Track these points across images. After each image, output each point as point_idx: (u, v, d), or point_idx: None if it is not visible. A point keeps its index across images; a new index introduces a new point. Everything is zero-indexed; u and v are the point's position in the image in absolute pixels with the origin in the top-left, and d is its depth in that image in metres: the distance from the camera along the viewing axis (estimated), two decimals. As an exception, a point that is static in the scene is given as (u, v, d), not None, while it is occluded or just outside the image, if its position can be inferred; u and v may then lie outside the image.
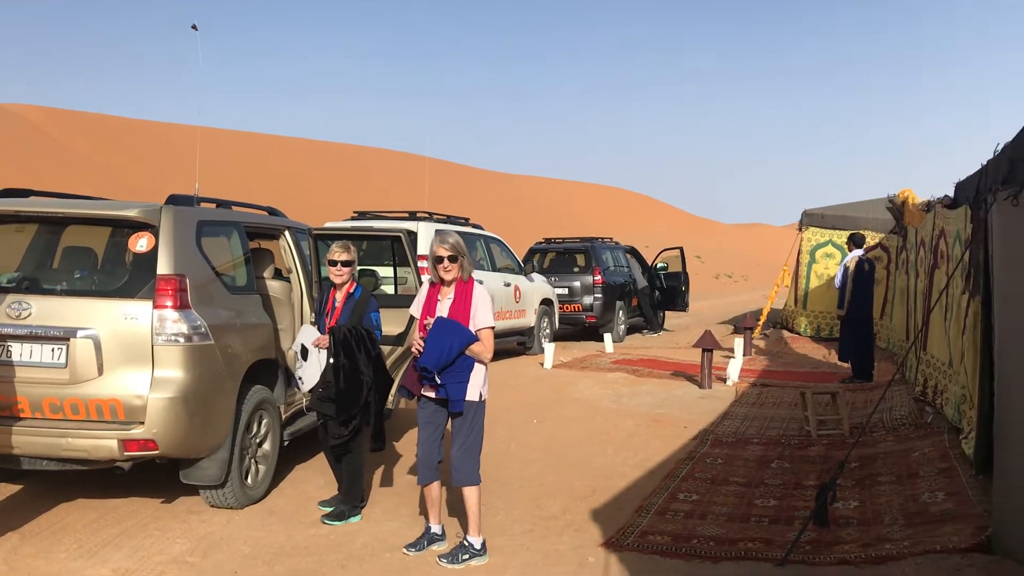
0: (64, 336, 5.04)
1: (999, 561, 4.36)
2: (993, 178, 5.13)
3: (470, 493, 4.83)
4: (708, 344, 10.76)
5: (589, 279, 16.10)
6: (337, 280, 5.69)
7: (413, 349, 4.82)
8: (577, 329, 17.12)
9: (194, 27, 7.37)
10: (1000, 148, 5.06)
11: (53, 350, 5.06)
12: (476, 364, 4.80)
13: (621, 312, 16.93)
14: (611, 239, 18.75)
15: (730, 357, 12.60)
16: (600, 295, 16.03)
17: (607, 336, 15.19)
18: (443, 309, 4.85)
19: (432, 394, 4.84)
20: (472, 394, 4.79)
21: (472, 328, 4.77)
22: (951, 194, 7.84)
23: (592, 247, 16.67)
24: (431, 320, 4.80)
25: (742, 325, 15.21)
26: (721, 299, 34.42)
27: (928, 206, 9.69)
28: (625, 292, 17.22)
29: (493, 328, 4.85)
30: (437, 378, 4.71)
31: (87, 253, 5.80)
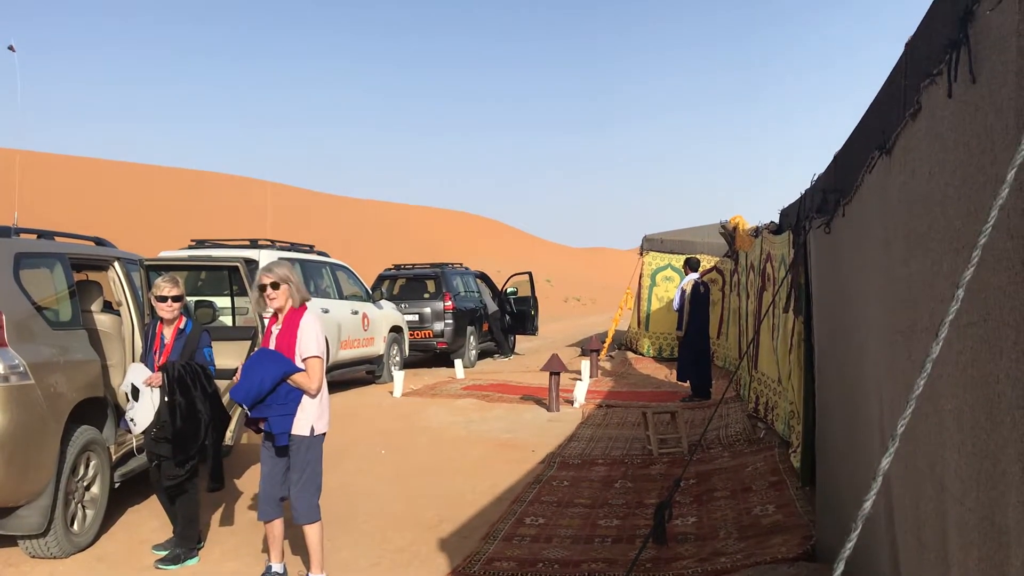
0: None
1: (821, 568, 4.63)
2: (810, 206, 5.49)
3: (311, 530, 4.72)
4: (555, 367, 10.96)
5: (440, 305, 16.11)
6: (166, 315, 5.46)
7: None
8: (428, 356, 17.09)
9: (11, 48, 6.94)
10: (816, 178, 5.42)
11: None
12: (305, 397, 4.68)
13: (472, 337, 17.02)
14: (461, 264, 18.87)
15: (577, 380, 12.88)
16: (451, 321, 16.07)
17: (458, 362, 15.22)
18: (272, 340, 4.74)
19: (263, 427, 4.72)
20: (300, 428, 4.67)
21: (298, 358, 4.66)
22: (776, 220, 8.33)
23: (442, 273, 16.70)
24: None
25: (588, 348, 15.58)
26: (570, 321, 35.17)
27: (756, 231, 10.25)
28: (476, 317, 17.33)
29: (319, 357, 4.72)
30: (249, 412, 4.59)
31: None
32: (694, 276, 11.89)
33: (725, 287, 15.30)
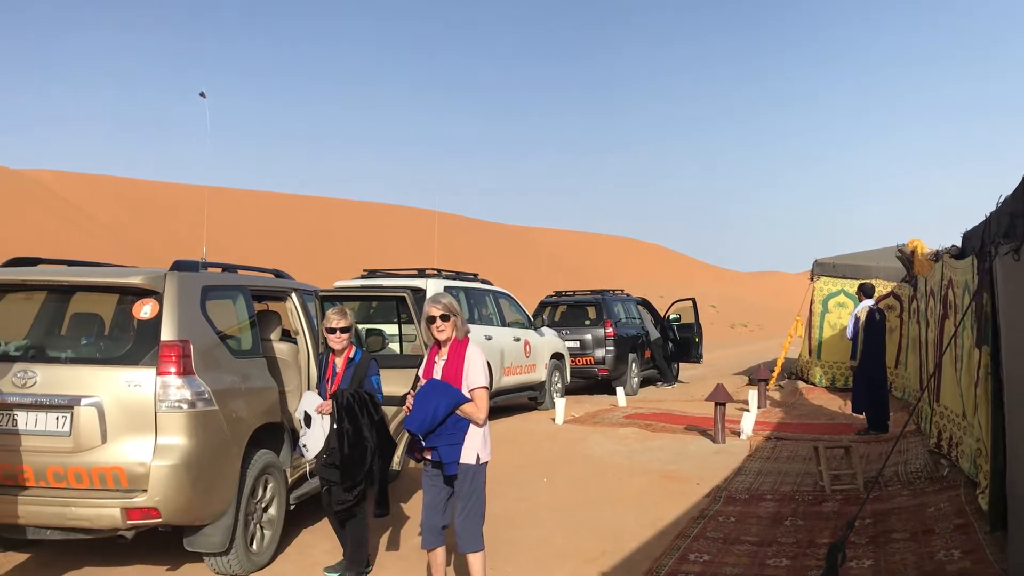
0: (68, 404, 5.05)
1: (1017, 623, 4.26)
2: (996, 230, 5.12)
3: (474, 559, 4.77)
4: (720, 398, 10.67)
5: (601, 332, 16.06)
6: (336, 346, 5.70)
7: (404, 410, 4.80)
8: (590, 383, 17.04)
9: (202, 95, 7.52)
10: (1002, 200, 5.05)
11: (57, 418, 5.07)
12: (471, 426, 4.74)
13: (634, 364, 16.86)
14: (622, 291, 18.75)
15: (744, 410, 12.48)
16: (612, 347, 15.98)
17: (620, 389, 15.09)
18: (438, 370, 4.83)
19: (430, 456, 4.81)
20: (468, 457, 4.73)
21: (465, 388, 4.73)
22: (959, 244, 7.81)
23: (603, 299, 16.66)
24: (424, 382, 4.80)
25: (756, 376, 15.09)
26: (736, 348, 34.25)
27: (936, 256, 9.65)
28: (638, 344, 17.16)
29: (486, 388, 4.78)
30: (423, 440, 4.69)
31: (94, 319, 5.83)
32: (869, 303, 11.31)
33: (903, 314, 14.46)
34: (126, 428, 5.04)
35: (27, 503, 4.99)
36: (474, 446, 4.75)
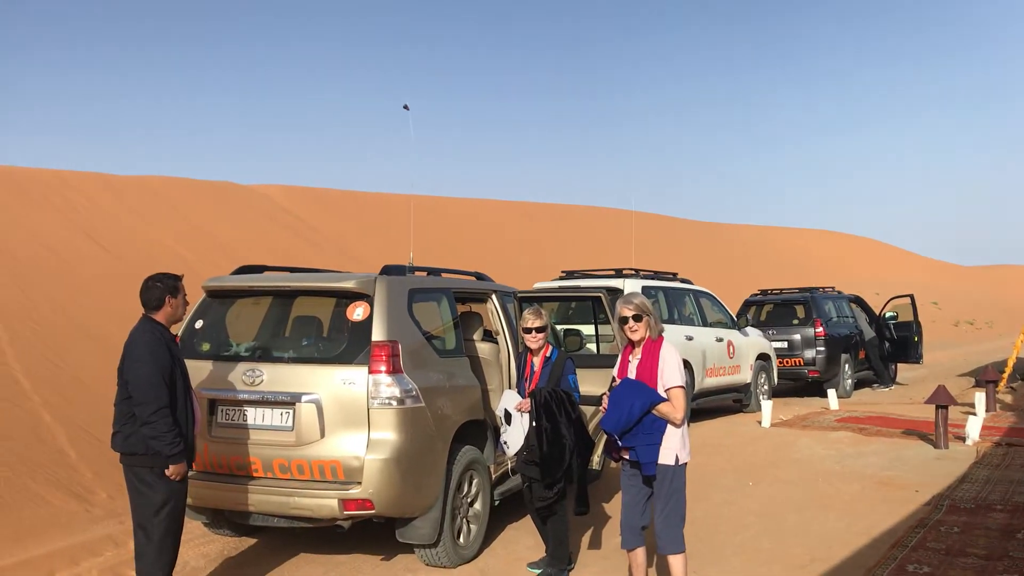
0: (291, 401, 5.43)
1: None
2: None
3: (675, 561, 4.70)
4: (942, 400, 9.94)
5: (810, 331, 15.41)
6: (533, 345, 5.79)
7: (600, 411, 4.80)
8: (799, 385, 16.37)
9: (406, 107, 7.88)
10: None
11: (282, 414, 5.46)
12: (669, 426, 4.67)
13: (847, 366, 16.04)
14: (833, 288, 17.88)
15: (970, 413, 11.57)
16: (823, 348, 15.29)
17: (831, 392, 14.38)
18: (632, 370, 4.80)
19: (628, 456, 4.78)
20: (666, 457, 4.66)
21: (660, 388, 4.67)
22: None
23: (812, 297, 15.97)
24: (618, 381, 4.77)
25: (983, 378, 13.95)
26: (961, 348, 31.80)
27: None
28: (851, 344, 16.31)
29: (682, 387, 4.68)
30: (619, 440, 4.66)
31: (314, 321, 6.24)
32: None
33: None
34: (342, 423, 5.35)
35: (256, 492, 5.42)
36: (672, 446, 4.68)
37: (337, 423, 5.36)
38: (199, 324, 6.01)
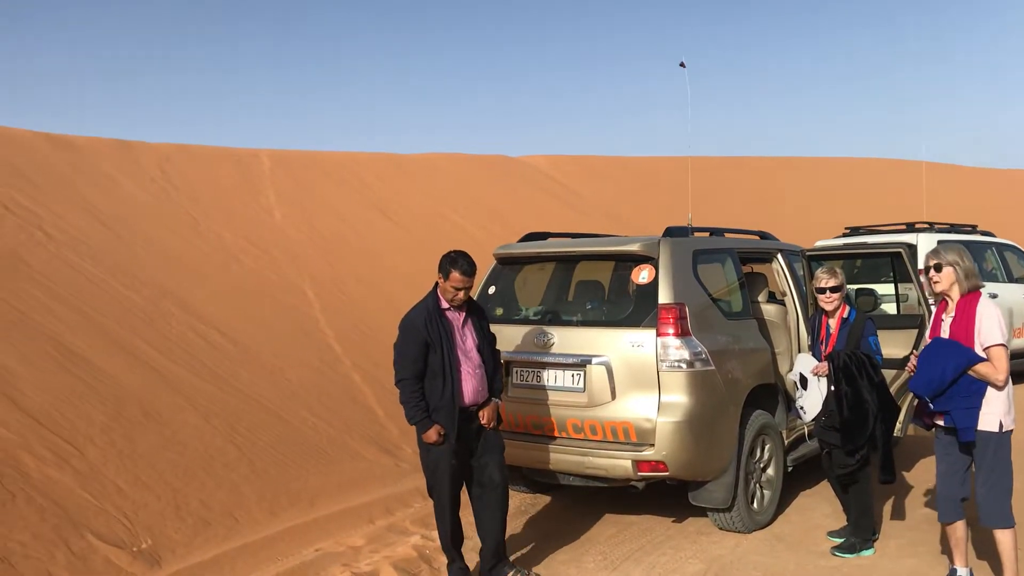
0: (581, 363, 5.56)
1: None
2: None
3: (1002, 536, 4.30)
4: None
5: None
6: (828, 307, 5.51)
7: (906, 373, 4.46)
8: None
9: (682, 64, 7.70)
10: None
11: (573, 375, 5.60)
12: (989, 389, 4.25)
13: None
14: None
15: None
16: None
17: None
18: (945, 329, 4.41)
19: (942, 422, 4.42)
20: (988, 423, 4.25)
21: (977, 347, 4.25)
22: None
23: None
24: (929, 340, 4.41)
25: None
26: None
27: None
28: None
29: (1003, 346, 4.22)
30: (931, 404, 4.31)
31: (596, 285, 6.33)
32: None
33: None
34: (632, 385, 5.40)
35: (552, 451, 5.62)
36: (995, 411, 4.27)
37: (627, 385, 5.41)
38: (492, 290, 6.29)
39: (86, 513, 5.45)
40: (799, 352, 6.46)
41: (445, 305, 4.88)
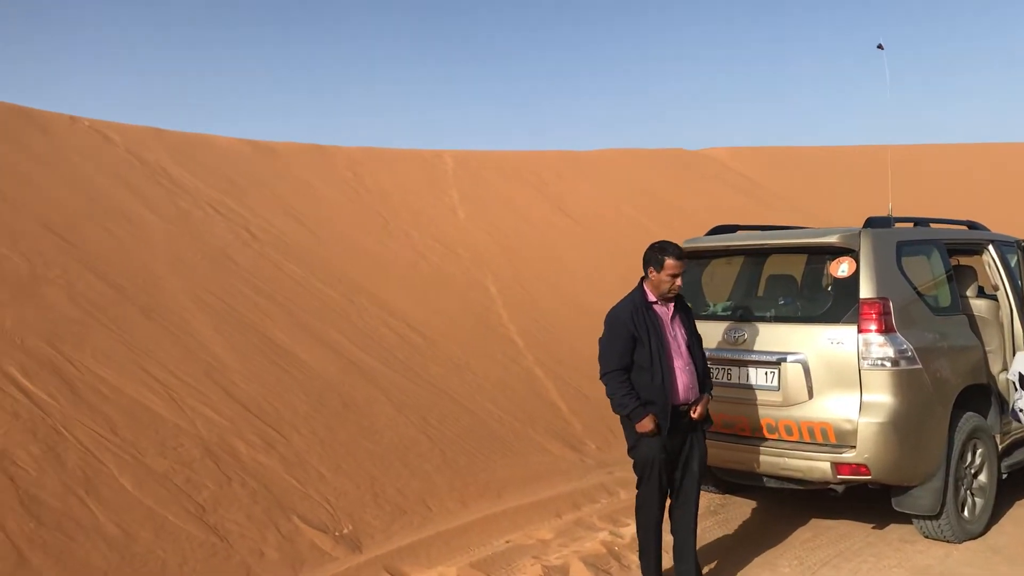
0: (775, 361, 5.37)
1: None
2: None
3: None
4: None
5: None
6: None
7: None
8: None
9: (880, 47, 7.29)
10: None
11: (766, 373, 5.43)
12: None
13: None
14: None
15: None
16: None
17: None
18: None
19: None
20: None
21: None
22: None
23: None
24: None
25: None
26: None
27: None
28: None
29: None
30: None
31: (788, 280, 6.10)
32: None
33: None
34: (830, 384, 5.17)
35: (745, 451, 5.46)
36: None
37: (825, 384, 5.19)
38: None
39: (292, 497, 5.79)
40: (1015, 351, 5.99)
41: (653, 299, 4.78)
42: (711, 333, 5.69)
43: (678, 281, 4.71)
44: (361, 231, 13.07)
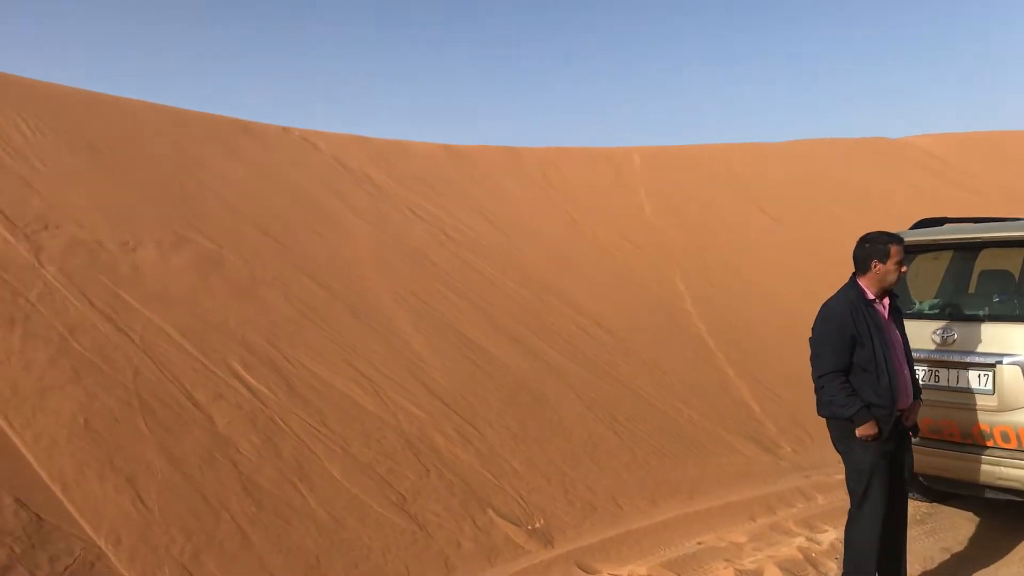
0: (991, 363, 5.03)
1: None
2: None
3: None
4: None
5: None
6: None
7: None
8: None
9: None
10: None
11: (980, 376, 5.09)
12: None
13: None
14: None
15: None
16: None
17: None
18: None
19: None
20: None
21: None
22: None
23: None
24: None
25: None
26: None
27: None
28: None
29: None
30: None
31: (1004, 276, 5.69)
32: None
33: None
34: (1054, 389, 4.79)
35: (956, 459, 5.15)
36: None
37: (1048, 389, 4.81)
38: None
39: (487, 490, 5.99)
40: None
41: (871, 296, 4.46)
42: (917, 333, 5.38)
43: (904, 268, 4.42)
44: (550, 230, 13.28)
